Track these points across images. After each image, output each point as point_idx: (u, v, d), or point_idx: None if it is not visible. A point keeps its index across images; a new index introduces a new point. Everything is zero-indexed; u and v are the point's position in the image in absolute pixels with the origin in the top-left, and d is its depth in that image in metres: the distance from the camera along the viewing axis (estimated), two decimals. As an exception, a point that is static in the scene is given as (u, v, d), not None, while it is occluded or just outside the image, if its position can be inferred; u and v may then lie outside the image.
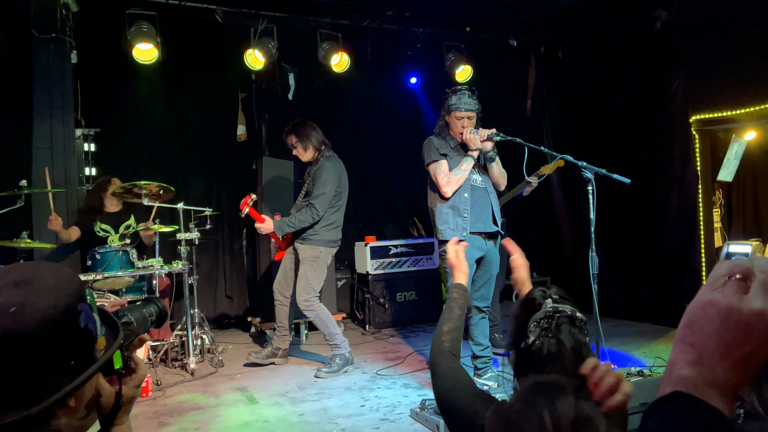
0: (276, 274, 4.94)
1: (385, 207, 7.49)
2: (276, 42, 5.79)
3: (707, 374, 0.58)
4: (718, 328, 0.59)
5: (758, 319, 0.57)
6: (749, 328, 0.57)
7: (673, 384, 0.60)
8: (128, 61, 5.44)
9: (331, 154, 4.82)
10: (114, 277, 4.47)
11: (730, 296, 0.59)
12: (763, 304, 0.58)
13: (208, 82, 6.38)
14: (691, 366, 0.59)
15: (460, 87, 4.09)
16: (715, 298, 0.60)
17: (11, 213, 4.74)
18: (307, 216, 4.58)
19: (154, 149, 6.32)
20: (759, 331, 0.57)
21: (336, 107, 7.10)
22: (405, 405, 3.82)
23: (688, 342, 0.61)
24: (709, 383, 0.58)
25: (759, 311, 0.57)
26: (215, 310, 6.54)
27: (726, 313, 0.59)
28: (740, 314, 0.58)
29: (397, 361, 4.97)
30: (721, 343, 0.58)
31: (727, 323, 0.58)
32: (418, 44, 6.58)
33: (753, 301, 0.58)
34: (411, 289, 6.39)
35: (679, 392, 0.59)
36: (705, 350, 0.59)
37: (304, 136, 4.75)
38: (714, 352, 0.58)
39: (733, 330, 0.58)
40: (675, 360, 0.62)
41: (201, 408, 3.93)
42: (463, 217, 3.98)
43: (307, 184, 4.83)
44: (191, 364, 4.69)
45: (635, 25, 5.77)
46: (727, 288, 0.60)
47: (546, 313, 1.36)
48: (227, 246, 6.67)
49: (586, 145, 6.33)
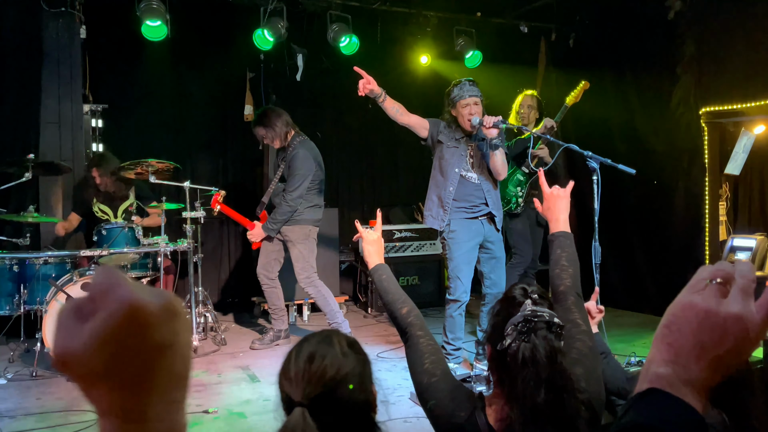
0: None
1: (390, 191, 7.48)
2: (285, 22, 5.76)
3: (682, 373, 0.60)
4: (695, 329, 0.61)
5: (734, 323, 0.59)
6: (725, 331, 0.59)
7: (650, 381, 0.62)
8: (137, 37, 5.42)
9: (302, 138, 4.85)
10: (119, 253, 4.50)
11: (709, 299, 0.61)
12: (741, 308, 0.59)
13: (217, 61, 6.36)
14: (668, 364, 0.61)
15: (459, 80, 4.10)
16: (695, 301, 0.62)
17: (18, 187, 4.78)
18: (286, 207, 4.69)
19: (162, 127, 6.32)
20: (734, 334, 0.59)
21: (344, 89, 7.06)
22: (405, 388, 3.86)
23: (666, 341, 0.62)
24: (684, 381, 0.60)
25: (736, 315, 0.59)
26: (219, 289, 6.58)
27: (704, 315, 0.60)
28: (717, 317, 0.60)
29: (398, 344, 5.01)
30: (698, 343, 0.60)
31: (704, 325, 0.60)
32: (428, 28, 6.54)
33: (731, 305, 0.60)
34: (414, 273, 6.41)
35: (655, 389, 0.61)
36: (682, 350, 0.61)
37: (269, 126, 4.77)
38: (690, 351, 0.60)
39: (710, 332, 0.60)
40: (652, 358, 0.64)
41: (203, 385, 3.98)
42: (444, 210, 4.01)
43: (281, 168, 4.86)
44: (194, 341, 4.73)
45: (648, 13, 5.71)
46: (707, 291, 0.62)
47: (524, 317, 1.37)
48: (232, 225, 6.69)
49: (594, 133, 6.30)
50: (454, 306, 4.00)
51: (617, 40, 6.18)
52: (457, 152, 4.03)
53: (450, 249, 4.03)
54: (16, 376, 4.15)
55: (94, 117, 5.88)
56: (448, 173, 4.03)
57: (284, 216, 4.70)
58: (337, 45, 6.06)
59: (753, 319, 0.59)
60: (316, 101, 6.91)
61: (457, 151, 4.04)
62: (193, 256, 4.89)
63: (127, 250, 4.53)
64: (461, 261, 3.99)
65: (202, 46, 6.22)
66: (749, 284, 0.61)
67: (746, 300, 0.60)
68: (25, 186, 4.84)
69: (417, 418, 3.37)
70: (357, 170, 7.35)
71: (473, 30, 6.59)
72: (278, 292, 4.91)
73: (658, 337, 0.64)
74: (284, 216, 4.70)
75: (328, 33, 6.03)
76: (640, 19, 5.84)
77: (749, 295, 0.60)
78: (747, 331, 0.59)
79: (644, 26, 5.85)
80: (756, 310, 0.59)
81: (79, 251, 4.47)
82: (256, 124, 4.85)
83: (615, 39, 6.21)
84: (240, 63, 6.44)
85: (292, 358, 1.15)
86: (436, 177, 4.12)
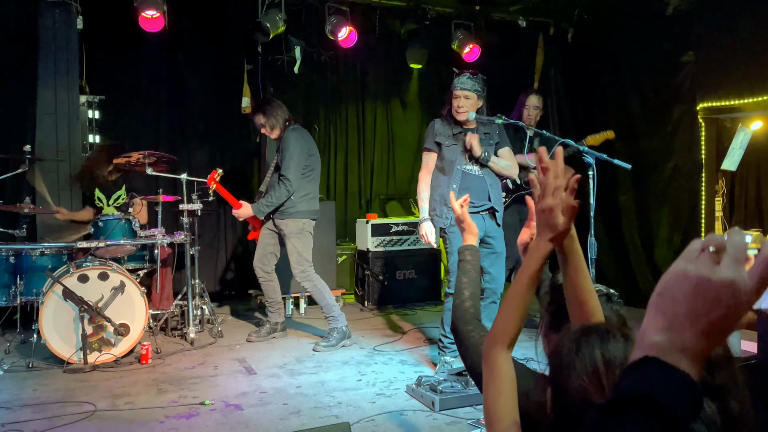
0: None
1: (387, 185, 7.48)
2: (283, 14, 5.73)
3: (677, 340, 0.61)
4: (688, 296, 0.62)
5: (727, 289, 0.60)
6: (718, 297, 0.60)
7: (645, 349, 0.63)
8: (134, 28, 5.39)
9: (296, 126, 4.81)
10: (116, 245, 4.50)
11: (701, 267, 0.62)
12: (733, 274, 0.60)
13: (214, 53, 6.33)
14: (662, 332, 0.62)
15: (464, 70, 4.11)
16: (688, 269, 0.63)
17: (14, 177, 4.77)
18: (282, 190, 4.61)
19: (159, 118, 6.30)
20: (727, 300, 0.60)
21: (342, 82, 7.07)
22: (401, 381, 3.87)
23: (660, 309, 0.63)
24: (678, 349, 0.61)
25: (728, 281, 0.60)
26: (216, 282, 6.58)
27: (697, 281, 0.62)
28: (710, 283, 0.61)
29: (395, 337, 5.02)
30: (691, 310, 0.61)
31: (697, 291, 0.61)
32: (426, 21, 6.52)
33: (723, 272, 0.61)
34: (411, 267, 6.42)
35: (650, 357, 0.62)
36: (675, 318, 0.62)
37: (271, 115, 4.73)
38: (684, 319, 0.61)
39: (703, 298, 0.61)
40: (647, 327, 0.64)
41: (200, 377, 3.99)
42: (447, 207, 4.02)
43: (276, 159, 4.83)
44: (191, 333, 4.74)
45: (646, 9, 5.71)
46: (699, 259, 0.63)
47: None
48: (229, 218, 6.67)
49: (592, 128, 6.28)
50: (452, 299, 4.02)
51: (615, 35, 6.18)
52: (456, 148, 4.03)
53: (450, 243, 4.04)
54: (13, 368, 4.15)
55: (91, 108, 5.86)
56: (449, 171, 4.04)
57: (279, 199, 4.62)
58: (335, 38, 6.04)
59: (745, 285, 0.60)
60: (314, 94, 6.90)
61: (456, 147, 4.04)
62: (190, 248, 4.88)
63: (124, 241, 4.52)
64: None
65: (199, 37, 6.20)
66: (741, 253, 0.62)
67: (738, 267, 0.61)
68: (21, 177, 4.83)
69: (413, 410, 3.38)
70: (354, 163, 7.35)
71: (471, 24, 6.58)
72: (275, 286, 4.91)
73: (651, 306, 0.65)
74: (279, 199, 4.62)
75: (326, 25, 6.01)
76: (639, 15, 5.84)
77: (741, 263, 0.61)
78: (739, 297, 0.60)
79: (642, 21, 5.84)
80: (748, 276, 0.60)
81: (75, 243, 4.47)
82: (256, 111, 4.81)
83: (613, 34, 6.21)
84: (237, 55, 6.42)
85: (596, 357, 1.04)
86: (438, 177, 4.11)
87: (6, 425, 3.16)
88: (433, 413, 3.34)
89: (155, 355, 4.39)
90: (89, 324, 4.08)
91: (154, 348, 4.44)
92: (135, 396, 3.63)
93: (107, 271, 4.24)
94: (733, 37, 5.06)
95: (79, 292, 4.06)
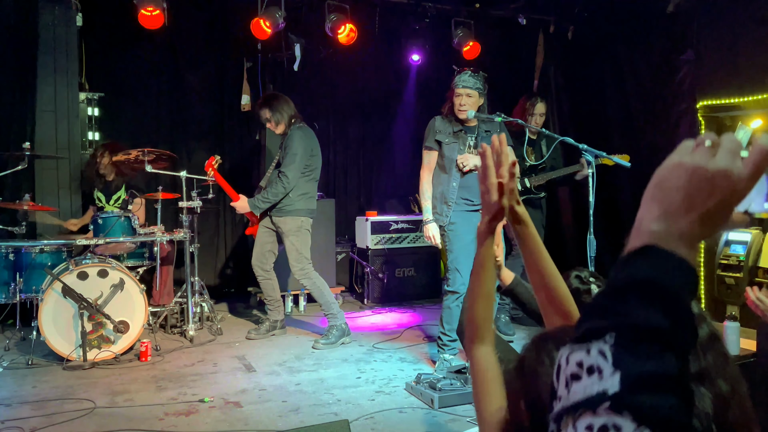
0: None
1: (387, 182, 7.48)
2: (283, 12, 5.72)
3: (674, 228, 0.63)
4: (684, 184, 0.64)
5: (723, 177, 0.62)
6: (713, 184, 0.63)
7: (643, 238, 0.65)
8: (134, 25, 5.38)
9: (302, 125, 4.80)
10: (115, 242, 4.50)
11: (697, 158, 0.64)
12: (728, 163, 0.63)
13: (214, 51, 6.33)
14: (659, 221, 0.64)
15: (465, 67, 4.10)
16: (684, 159, 0.65)
17: (14, 175, 4.76)
18: (279, 187, 4.59)
19: (158, 116, 6.30)
20: (722, 188, 0.63)
21: (342, 80, 7.06)
22: (400, 378, 3.88)
23: (657, 199, 0.66)
24: (675, 236, 0.63)
25: (724, 169, 0.63)
26: (215, 279, 6.58)
27: (693, 170, 0.64)
28: (706, 171, 0.63)
29: (394, 335, 5.03)
30: (687, 197, 0.63)
31: (693, 180, 0.63)
32: (426, 19, 6.51)
33: (719, 161, 0.63)
34: (410, 265, 6.42)
35: (651, 245, 0.63)
36: (672, 205, 0.64)
37: (277, 110, 4.72)
38: (680, 206, 0.64)
39: (698, 186, 0.63)
40: (643, 217, 0.66)
41: (199, 374, 3.99)
42: (447, 206, 4.01)
43: (278, 155, 4.83)
44: (190, 331, 4.75)
45: (647, 6, 5.70)
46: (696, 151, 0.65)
47: None
48: (229, 215, 6.68)
49: (592, 126, 6.30)
50: (452, 297, 4.02)
51: (616, 33, 6.16)
52: (456, 146, 4.04)
53: (450, 241, 4.04)
54: (12, 365, 4.15)
55: (90, 105, 5.86)
56: (449, 169, 4.04)
57: (275, 196, 4.61)
58: (335, 35, 6.03)
59: (740, 174, 0.63)
60: (314, 91, 6.89)
61: (455, 145, 4.04)
62: (190, 246, 4.88)
63: (124, 239, 4.52)
64: (461, 253, 4.00)
65: (199, 34, 6.19)
66: (736, 146, 0.64)
67: (734, 157, 0.63)
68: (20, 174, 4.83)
69: (412, 408, 3.39)
70: (353, 161, 7.35)
71: (471, 21, 6.57)
72: (274, 284, 4.91)
73: (647, 196, 0.67)
74: (275, 196, 4.61)
75: (326, 23, 6.00)
76: (639, 12, 5.83)
77: (736, 154, 0.63)
78: (734, 185, 0.63)
79: (643, 19, 5.83)
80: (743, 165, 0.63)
81: (74, 240, 4.46)
82: (263, 105, 4.78)
83: (614, 32, 6.19)
84: (237, 53, 6.42)
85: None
86: (439, 175, 4.11)
87: (5, 422, 3.16)
88: (432, 410, 3.34)
89: (155, 353, 4.39)
90: (89, 321, 4.08)
91: (153, 345, 4.44)
92: (134, 393, 3.63)
93: (107, 268, 4.24)
94: (733, 35, 5.05)
95: (79, 289, 4.06)
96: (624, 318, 0.59)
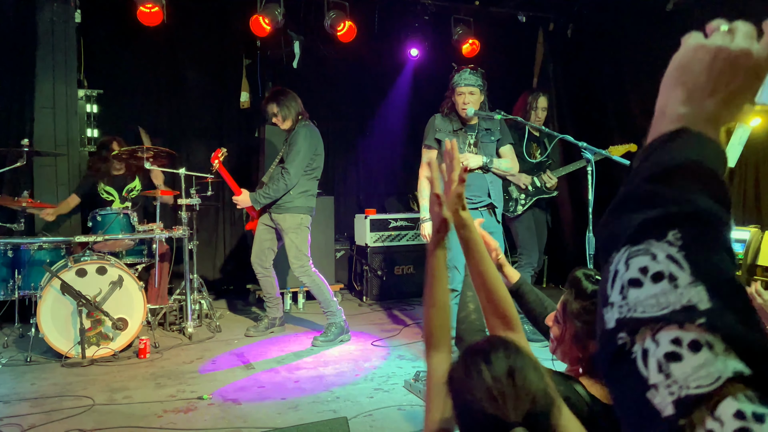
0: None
1: (386, 180, 7.48)
2: (282, 9, 5.72)
3: (700, 110, 0.63)
4: (707, 66, 0.64)
5: (745, 57, 0.63)
6: (736, 64, 0.63)
7: (673, 122, 0.63)
8: (133, 22, 5.38)
9: (308, 122, 4.79)
10: (114, 239, 4.50)
11: (718, 40, 0.64)
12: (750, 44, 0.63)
13: (213, 48, 6.32)
14: (685, 104, 0.64)
15: (464, 66, 4.10)
16: (704, 42, 0.65)
17: (12, 171, 4.76)
18: (281, 183, 4.59)
19: (157, 113, 6.30)
20: (745, 68, 0.63)
21: (341, 77, 7.05)
22: (399, 376, 3.88)
23: (680, 81, 0.65)
24: (703, 118, 0.63)
25: (746, 50, 0.63)
26: (214, 276, 6.59)
27: (715, 51, 0.64)
28: (729, 52, 0.63)
29: (393, 333, 5.03)
30: (711, 79, 0.63)
31: (715, 61, 0.63)
32: (426, 16, 6.50)
33: (739, 42, 0.63)
34: (409, 263, 6.42)
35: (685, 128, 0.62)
36: (695, 88, 0.64)
37: (284, 106, 4.71)
38: (704, 89, 0.63)
39: (722, 67, 0.63)
40: (666, 102, 0.65)
41: (198, 372, 3.99)
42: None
43: (282, 151, 4.82)
44: (189, 328, 4.75)
45: (646, 4, 5.70)
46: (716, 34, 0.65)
47: None
48: (228, 213, 6.68)
49: (591, 124, 6.31)
50: (450, 295, 4.02)
51: (615, 31, 6.16)
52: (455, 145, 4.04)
53: (448, 239, 4.04)
54: (11, 362, 4.15)
55: (89, 102, 5.85)
56: None
57: (277, 192, 4.60)
58: (334, 32, 6.03)
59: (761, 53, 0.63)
60: (313, 89, 6.87)
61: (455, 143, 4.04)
62: (189, 243, 4.88)
63: (122, 236, 4.52)
64: (459, 251, 3.98)
65: (198, 31, 6.18)
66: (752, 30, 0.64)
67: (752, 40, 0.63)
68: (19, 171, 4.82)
69: (411, 405, 3.39)
70: (353, 158, 7.34)
71: (471, 19, 6.56)
72: (273, 281, 4.91)
73: (668, 81, 0.66)
74: (277, 192, 4.60)
75: (325, 20, 6.00)
76: (639, 10, 5.83)
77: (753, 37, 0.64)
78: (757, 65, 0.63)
79: (642, 17, 5.83)
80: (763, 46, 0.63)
81: (73, 237, 4.46)
82: (270, 99, 4.76)
83: (613, 30, 6.19)
84: (236, 50, 6.41)
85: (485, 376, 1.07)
86: None
87: (4, 419, 3.17)
88: (430, 408, 3.34)
89: (153, 350, 4.39)
90: (87, 318, 4.08)
91: (152, 342, 4.44)
92: (133, 390, 3.63)
93: (105, 265, 4.24)
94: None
95: (77, 286, 4.06)
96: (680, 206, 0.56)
